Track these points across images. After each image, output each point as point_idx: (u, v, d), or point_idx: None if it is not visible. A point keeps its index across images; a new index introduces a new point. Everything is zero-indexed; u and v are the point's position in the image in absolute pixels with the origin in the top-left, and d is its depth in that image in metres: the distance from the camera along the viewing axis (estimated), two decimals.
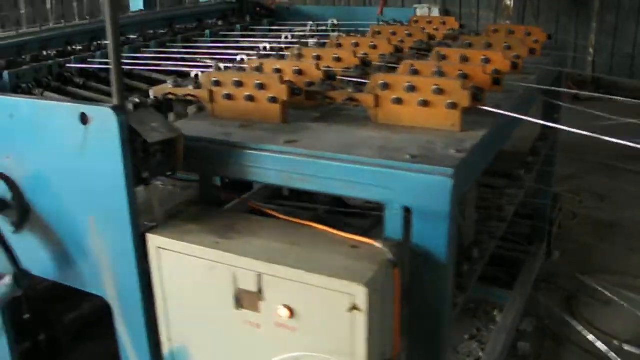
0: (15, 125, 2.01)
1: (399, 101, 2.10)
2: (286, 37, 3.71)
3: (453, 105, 2.02)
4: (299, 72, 2.36)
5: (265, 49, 3.33)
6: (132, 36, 3.69)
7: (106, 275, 1.93)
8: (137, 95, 2.78)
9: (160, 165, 1.89)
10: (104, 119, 1.75)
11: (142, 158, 1.82)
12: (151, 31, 3.83)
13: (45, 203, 2.02)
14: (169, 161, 1.87)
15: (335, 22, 4.26)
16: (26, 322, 2.53)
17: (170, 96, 2.27)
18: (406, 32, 3.35)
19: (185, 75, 2.87)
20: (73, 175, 1.91)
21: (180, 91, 2.26)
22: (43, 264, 2.07)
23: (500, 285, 3.74)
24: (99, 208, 1.88)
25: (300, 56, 2.73)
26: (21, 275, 1.99)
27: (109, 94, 2.82)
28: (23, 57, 3.14)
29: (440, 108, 2.04)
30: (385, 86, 2.11)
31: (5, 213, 2.11)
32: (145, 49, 3.46)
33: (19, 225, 2.11)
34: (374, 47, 3.01)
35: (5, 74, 2.82)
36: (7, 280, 1.99)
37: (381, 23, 4.05)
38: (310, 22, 4.18)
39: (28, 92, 2.84)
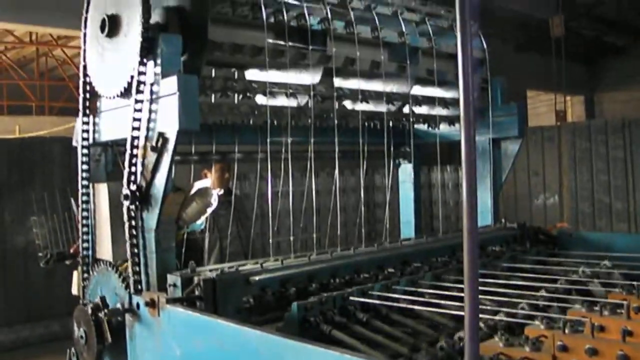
0: None
1: None
2: (585, 273, 3.42)
3: None
4: None
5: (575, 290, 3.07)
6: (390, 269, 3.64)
7: None
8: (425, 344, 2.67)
9: None
10: None
11: None
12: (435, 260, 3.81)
13: None
14: None
15: (610, 263, 3.83)
16: None
17: (502, 357, 2.07)
18: None
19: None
20: None
21: (515, 353, 2.06)
22: None
23: None
24: None
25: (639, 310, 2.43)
26: None
27: (392, 336, 2.74)
28: (314, 285, 3.22)
29: None
30: None
31: None
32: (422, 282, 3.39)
33: None
34: None
35: (294, 306, 2.86)
36: None
37: None
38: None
39: (316, 327, 2.83)
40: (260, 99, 3.79)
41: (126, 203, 3.12)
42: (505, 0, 13.77)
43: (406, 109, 4.52)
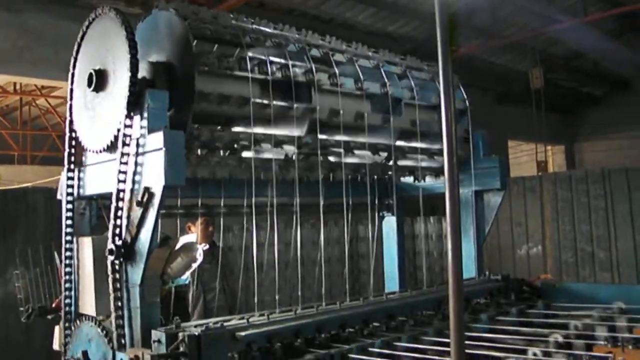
0: None
1: None
2: (576, 327, 3.45)
3: None
4: None
5: (557, 343, 3.08)
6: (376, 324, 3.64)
7: None
8: None
9: None
10: None
11: None
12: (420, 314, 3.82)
13: None
14: None
15: (623, 306, 3.91)
16: None
17: None
18: None
19: None
20: None
21: None
22: None
23: None
24: None
25: None
26: None
27: None
28: (299, 340, 3.20)
29: None
30: None
31: None
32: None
33: None
34: None
35: None
36: None
37: None
38: (596, 309, 3.85)
39: None
40: (247, 153, 3.82)
41: (111, 258, 3.11)
42: (486, 54, 14.08)
43: (390, 161, 4.56)
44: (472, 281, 4.53)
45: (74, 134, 3.70)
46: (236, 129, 3.75)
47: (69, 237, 3.72)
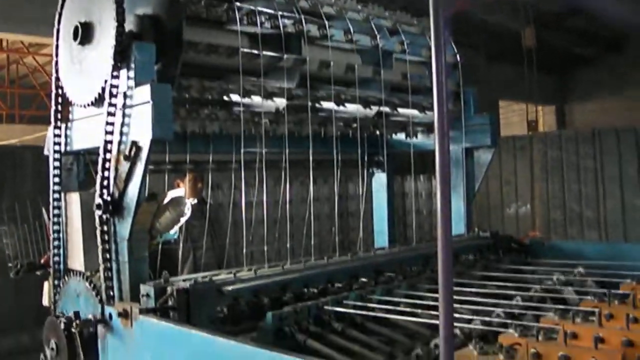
0: None
1: None
2: (556, 280, 3.49)
3: None
4: (630, 344, 2.08)
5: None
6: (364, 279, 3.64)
7: None
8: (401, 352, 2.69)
9: None
10: None
11: None
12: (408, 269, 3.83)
13: None
14: None
15: (582, 270, 3.86)
16: None
17: None
18: None
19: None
20: None
21: None
22: None
23: None
24: None
25: (611, 317, 2.46)
26: None
27: (368, 345, 2.76)
28: (287, 295, 3.21)
29: None
30: None
31: None
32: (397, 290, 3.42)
33: None
34: None
35: (269, 315, 2.86)
36: None
37: None
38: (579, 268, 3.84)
39: (291, 336, 2.84)
40: (237, 108, 3.76)
41: (99, 212, 3.08)
42: (478, 11, 13.94)
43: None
44: (460, 237, 4.54)
45: (60, 90, 3.64)
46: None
47: (56, 193, 3.69)
